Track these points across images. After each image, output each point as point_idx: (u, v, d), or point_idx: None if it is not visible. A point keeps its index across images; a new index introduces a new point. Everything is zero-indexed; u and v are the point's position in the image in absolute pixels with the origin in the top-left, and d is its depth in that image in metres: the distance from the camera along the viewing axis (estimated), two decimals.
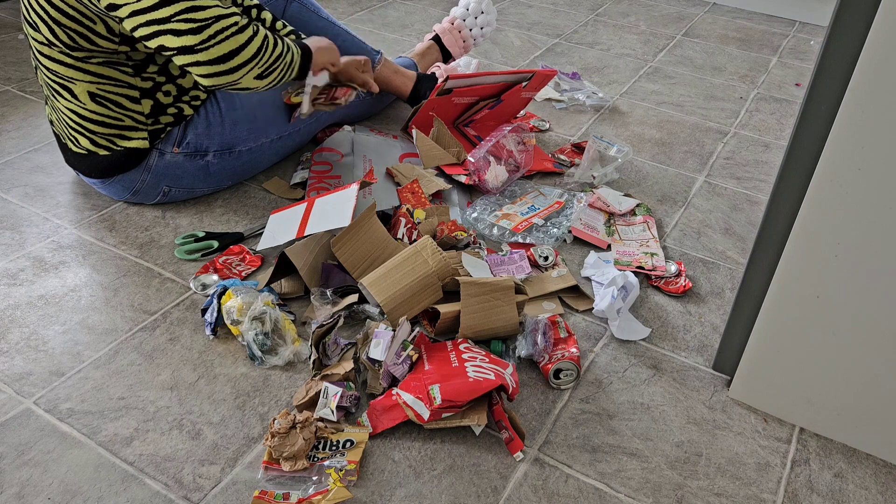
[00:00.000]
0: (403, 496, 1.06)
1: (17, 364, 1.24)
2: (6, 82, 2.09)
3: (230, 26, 1.31)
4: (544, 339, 1.26)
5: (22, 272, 1.42)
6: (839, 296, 1.07)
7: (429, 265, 1.29)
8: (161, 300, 1.37)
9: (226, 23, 1.30)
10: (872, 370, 1.11)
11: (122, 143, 1.49)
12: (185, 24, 1.28)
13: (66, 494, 1.04)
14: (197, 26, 1.28)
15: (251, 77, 1.35)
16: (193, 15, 1.28)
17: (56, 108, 1.50)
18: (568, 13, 2.84)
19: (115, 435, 1.12)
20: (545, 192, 1.69)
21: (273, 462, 1.07)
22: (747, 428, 1.20)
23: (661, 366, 1.31)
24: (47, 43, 1.38)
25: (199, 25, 1.28)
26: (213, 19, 1.29)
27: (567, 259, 1.53)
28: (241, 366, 1.25)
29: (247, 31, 1.33)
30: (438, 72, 2.04)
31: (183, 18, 1.28)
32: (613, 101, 2.19)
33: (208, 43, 1.29)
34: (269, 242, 1.45)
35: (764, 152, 1.99)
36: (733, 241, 1.63)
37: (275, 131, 1.65)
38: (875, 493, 1.12)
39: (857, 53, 0.92)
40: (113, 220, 1.57)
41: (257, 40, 1.34)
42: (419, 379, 1.15)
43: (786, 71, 2.48)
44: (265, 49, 1.35)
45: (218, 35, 1.30)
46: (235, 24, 1.31)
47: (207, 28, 1.29)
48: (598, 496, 1.08)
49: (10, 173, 1.71)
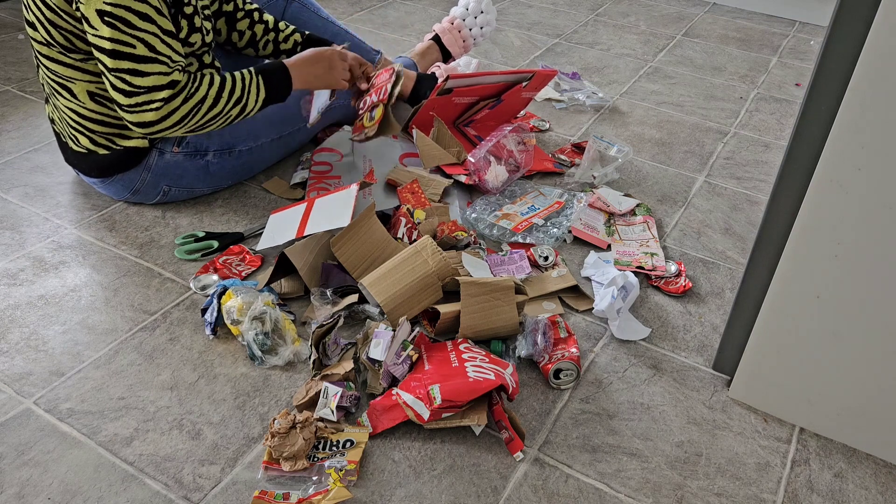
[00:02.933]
0: (403, 496, 1.06)
1: (17, 364, 1.24)
2: (6, 82, 2.09)
3: (157, 101, 1.34)
4: (544, 339, 1.26)
5: (22, 272, 1.42)
6: (839, 296, 1.07)
7: (429, 265, 1.29)
8: (161, 300, 1.37)
9: (156, 96, 1.34)
10: (872, 370, 1.11)
11: (122, 143, 1.49)
12: (121, 83, 1.33)
13: (66, 494, 1.04)
14: (129, 90, 1.34)
15: (178, 134, 1.41)
16: (130, 79, 1.33)
17: (57, 106, 1.50)
18: (568, 13, 2.84)
19: (115, 435, 1.12)
20: (545, 192, 1.69)
21: (273, 462, 1.07)
22: (747, 428, 1.20)
23: (661, 366, 1.31)
24: (46, 43, 1.39)
25: (130, 90, 1.34)
26: (146, 90, 1.34)
27: (567, 259, 1.53)
28: (241, 366, 1.25)
29: (172, 102, 1.35)
30: (438, 72, 2.04)
31: (120, 77, 1.33)
32: (613, 101, 2.19)
33: (133, 109, 1.36)
34: (269, 242, 1.45)
35: (764, 152, 1.99)
36: (733, 241, 1.63)
37: (275, 131, 1.65)
38: (875, 493, 1.12)
39: (857, 53, 0.92)
40: (113, 220, 1.57)
41: (183, 109, 1.37)
42: (419, 379, 1.15)
43: (786, 71, 2.48)
44: (193, 114, 1.38)
45: (144, 105, 1.35)
46: (162, 101, 1.34)
47: (136, 96, 1.34)
48: (598, 496, 1.08)
49: (10, 173, 1.71)
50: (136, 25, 1.30)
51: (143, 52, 1.32)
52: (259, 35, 1.67)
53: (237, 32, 1.66)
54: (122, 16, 1.29)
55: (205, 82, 1.39)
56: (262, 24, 1.67)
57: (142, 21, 1.30)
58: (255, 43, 1.68)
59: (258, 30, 1.67)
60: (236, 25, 1.65)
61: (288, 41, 1.68)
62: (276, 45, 1.68)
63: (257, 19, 1.66)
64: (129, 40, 1.30)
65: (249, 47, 1.69)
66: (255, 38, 1.67)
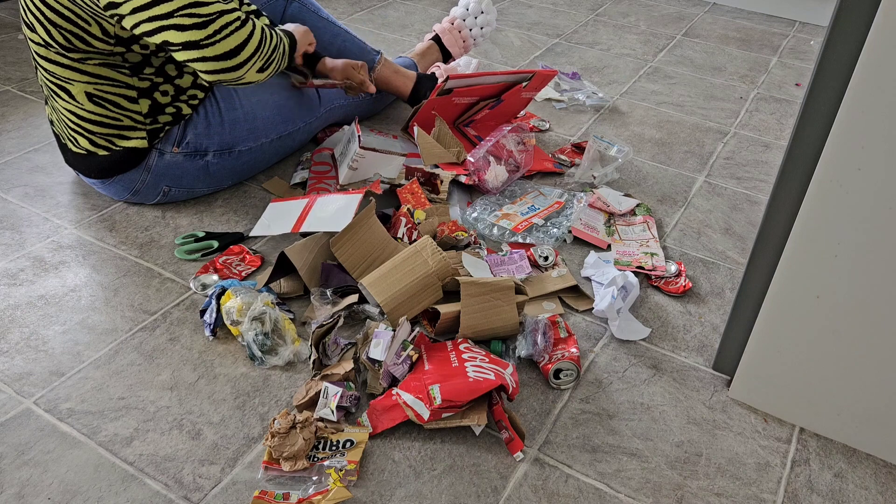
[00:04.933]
0: (403, 496, 1.06)
1: (17, 364, 1.24)
2: (6, 82, 2.09)
3: (233, 21, 1.31)
4: (544, 339, 1.26)
5: (22, 272, 1.42)
6: (839, 296, 1.07)
7: (429, 265, 1.29)
8: (161, 300, 1.37)
9: (229, 18, 1.31)
10: (872, 370, 1.11)
11: (121, 143, 1.49)
12: (188, 18, 1.28)
13: (66, 494, 1.04)
14: (202, 21, 1.28)
15: (254, 71, 1.36)
16: (196, 10, 1.28)
17: (55, 108, 1.50)
18: (568, 13, 2.84)
19: (115, 435, 1.12)
20: (545, 192, 1.69)
21: (273, 462, 1.07)
22: (747, 428, 1.20)
23: (661, 366, 1.31)
24: (44, 44, 1.39)
25: (203, 20, 1.28)
26: (217, 14, 1.29)
27: (567, 259, 1.53)
28: (241, 366, 1.25)
29: (247, 25, 1.33)
30: (438, 72, 2.04)
31: (186, 13, 1.27)
32: (613, 101, 2.19)
33: (213, 38, 1.30)
34: (263, 230, 1.45)
35: (764, 152, 1.99)
36: (733, 241, 1.63)
37: (275, 131, 1.65)
38: (875, 493, 1.12)
39: (857, 53, 0.92)
40: (113, 220, 1.57)
41: (257, 34, 1.35)
42: (419, 379, 1.15)
43: (786, 71, 2.48)
44: (265, 42, 1.37)
45: (223, 30, 1.30)
46: (238, 20, 1.32)
47: (212, 23, 1.29)
48: (598, 496, 1.08)
49: (10, 173, 1.71)
50: None
51: None
52: None
53: None
54: None
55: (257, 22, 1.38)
56: None
57: None
58: None
59: None
60: None
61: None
62: None
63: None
64: None
65: None
66: None
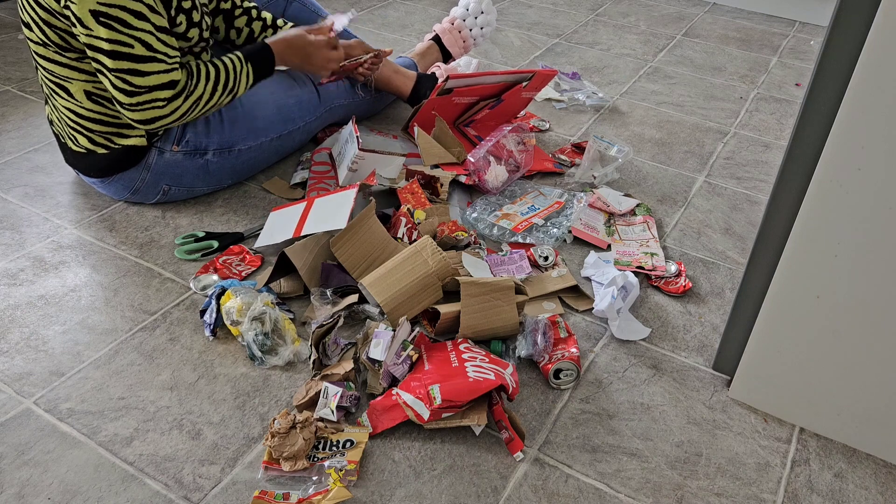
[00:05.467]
0: (403, 496, 1.06)
1: (17, 364, 1.24)
2: (6, 82, 2.09)
3: (160, 100, 1.37)
4: (544, 339, 1.26)
5: (22, 272, 1.42)
6: (839, 296, 1.07)
7: (429, 265, 1.29)
8: (161, 300, 1.37)
9: (157, 95, 1.37)
10: (872, 370, 1.11)
11: (121, 142, 1.49)
12: (122, 83, 1.35)
13: (66, 494, 1.04)
14: (131, 90, 1.35)
15: (179, 122, 1.44)
16: (131, 79, 1.34)
17: (55, 107, 1.50)
18: (568, 13, 2.84)
19: (115, 435, 1.12)
20: (545, 192, 1.69)
21: (273, 462, 1.07)
22: (747, 428, 1.20)
23: (661, 366, 1.31)
24: (42, 43, 1.39)
25: (132, 90, 1.35)
26: (147, 89, 1.35)
27: (567, 259, 1.53)
28: (241, 366, 1.25)
29: (174, 102, 1.39)
30: (438, 72, 2.04)
31: (121, 77, 1.34)
32: (613, 101, 2.19)
33: (136, 108, 1.37)
34: (267, 240, 1.46)
35: (764, 152, 1.99)
36: (733, 241, 1.63)
37: (274, 130, 1.65)
38: (875, 493, 1.12)
39: (857, 53, 0.92)
40: (113, 220, 1.57)
41: (185, 105, 1.41)
42: (419, 379, 1.15)
43: (786, 71, 2.48)
44: (192, 109, 1.43)
45: (146, 104, 1.37)
46: (164, 100, 1.37)
47: (138, 95, 1.36)
48: (598, 496, 1.08)
49: (10, 173, 1.71)
50: (133, 25, 1.31)
51: (142, 51, 1.32)
52: (257, 32, 1.67)
53: (235, 30, 1.66)
54: (118, 15, 1.29)
55: (202, 77, 1.42)
56: (261, 22, 1.67)
57: (137, 20, 1.31)
58: (253, 40, 1.68)
59: (256, 27, 1.67)
60: (234, 23, 1.65)
61: None
62: None
63: (255, 16, 1.67)
64: (126, 40, 1.31)
65: (248, 43, 1.69)
66: (252, 35, 1.67)
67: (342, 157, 1.67)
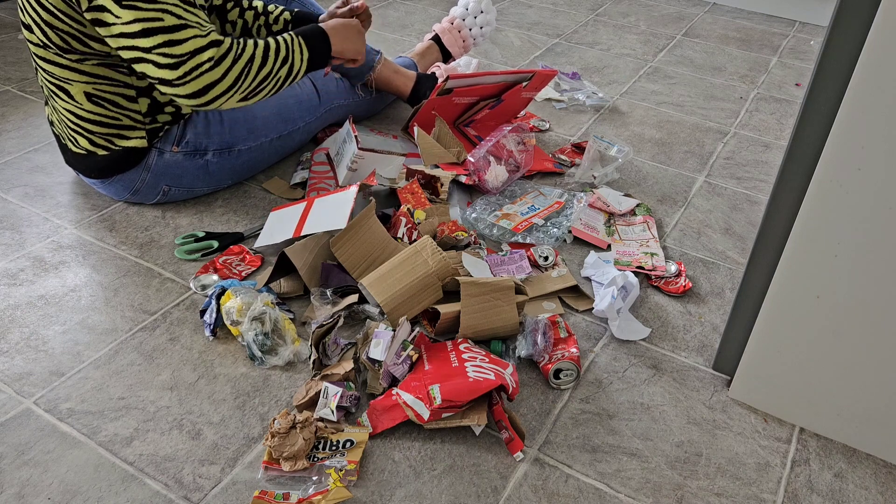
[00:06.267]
0: (403, 496, 1.06)
1: (17, 364, 1.24)
2: (6, 82, 2.09)
3: (206, 62, 1.32)
4: (544, 339, 1.26)
5: (22, 272, 1.42)
6: (839, 296, 1.07)
7: (429, 265, 1.29)
8: (161, 300, 1.37)
9: (201, 58, 1.32)
10: (872, 370, 1.11)
11: (121, 143, 1.49)
12: (162, 58, 1.30)
13: (66, 494, 1.04)
14: (174, 62, 1.31)
15: (234, 101, 1.38)
16: (170, 50, 1.30)
17: (55, 108, 1.50)
18: (568, 13, 2.84)
19: (115, 435, 1.12)
20: (545, 192, 1.69)
21: (273, 462, 1.07)
22: (747, 428, 1.20)
23: (661, 366, 1.31)
24: (42, 45, 1.38)
25: (175, 62, 1.31)
26: (189, 55, 1.31)
27: (567, 259, 1.53)
28: (241, 366, 1.25)
29: (224, 62, 1.33)
30: (438, 72, 2.04)
31: (160, 52, 1.30)
32: (613, 101, 2.19)
33: (185, 79, 1.32)
34: (267, 240, 1.46)
35: (764, 152, 1.99)
36: (733, 241, 1.63)
37: (274, 131, 1.65)
38: (875, 493, 1.12)
39: (857, 53, 0.92)
40: (113, 220, 1.57)
41: (237, 67, 1.35)
42: (419, 379, 1.15)
43: (786, 71, 2.48)
44: (246, 74, 1.36)
45: (194, 71, 1.32)
46: (210, 60, 1.32)
47: (183, 64, 1.31)
48: (598, 496, 1.08)
49: (10, 173, 1.71)
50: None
51: (173, 21, 1.29)
52: (251, 22, 1.66)
53: (230, 24, 1.65)
54: None
55: (249, 43, 1.38)
56: (252, 11, 1.66)
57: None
58: (247, 30, 1.67)
59: (248, 17, 1.66)
60: (227, 17, 1.65)
61: (278, 22, 1.67)
62: (268, 29, 1.67)
63: (246, 6, 1.66)
64: (153, 15, 1.28)
65: (244, 35, 1.68)
66: (246, 25, 1.66)
67: (341, 157, 1.67)
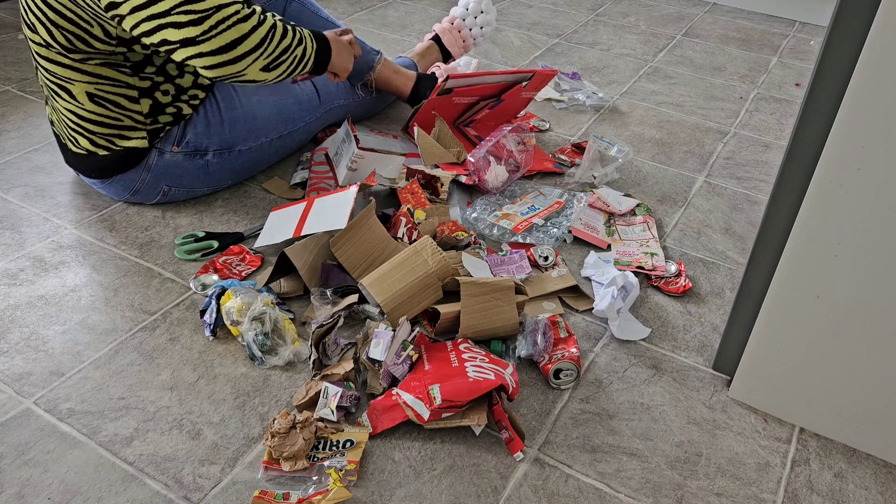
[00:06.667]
0: (403, 496, 1.06)
1: (17, 364, 1.24)
2: (6, 82, 2.09)
3: (231, 15, 1.29)
4: (544, 339, 1.26)
5: (22, 272, 1.42)
6: (839, 296, 1.07)
7: (429, 265, 1.29)
8: (161, 300, 1.37)
9: (227, 12, 1.28)
10: (872, 370, 1.11)
11: (122, 143, 1.49)
12: (185, 15, 1.26)
13: (66, 494, 1.04)
14: (197, 17, 1.27)
15: (256, 68, 1.34)
16: (193, 6, 1.26)
17: (56, 108, 1.50)
18: (568, 13, 2.84)
19: (115, 435, 1.12)
20: (545, 192, 1.69)
21: (273, 462, 1.07)
22: (747, 428, 1.20)
23: (661, 366, 1.31)
24: (45, 44, 1.38)
25: (199, 16, 1.27)
26: (214, 9, 1.27)
27: (567, 259, 1.53)
28: (241, 366, 1.25)
29: (250, 20, 1.31)
30: (438, 72, 2.04)
31: (182, 10, 1.26)
32: (613, 101, 2.19)
33: (210, 33, 1.28)
34: (267, 240, 1.46)
35: (764, 152, 1.99)
36: (733, 241, 1.63)
37: (275, 131, 1.65)
38: (875, 493, 1.12)
39: (857, 53, 0.92)
40: (113, 220, 1.57)
41: (262, 29, 1.32)
42: (419, 379, 1.15)
43: (786, 71, 2.48)
44: (271, 38, 1.33)
45: (220, 25, 1.28)
46: (237, 13, 1.29)
47: (208, 18, 1.27)
48: (598, 496, 1.08)
49: (10, 173, 1.71)
50: None
51: None
52: None
53: None
54: None
55: (269, 14, 1.36)
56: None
57: None
58: None
59: None
60: None
61: None
62: None
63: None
64: None
65: None
66: None
67: (340, 157, 1.67)
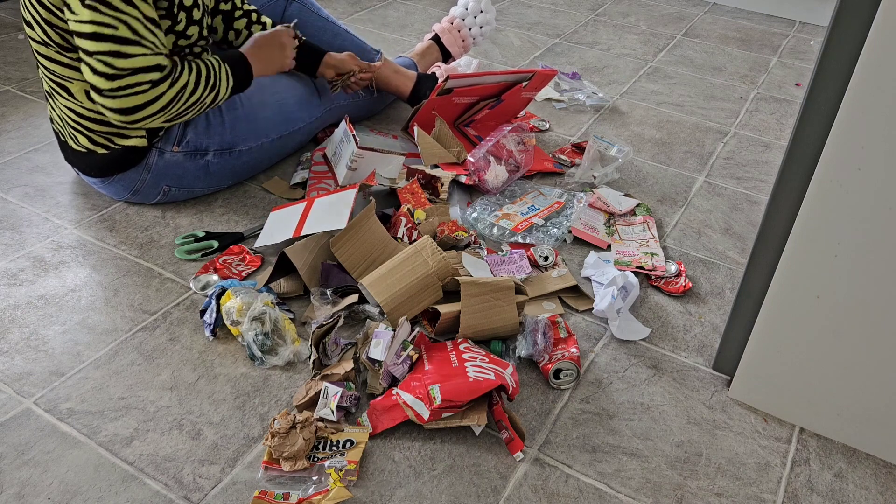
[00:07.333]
0: (403, 496, 1.06)
1: (17, 364, 1.24)
2: (6, 82, 2.09)
3: (145, 83, 1.32)
4: (544, 339, 1.26)
5: (22, 272, 1.42)
6: (839, 296, 1.07)
7: (429, 265, 1.29)
8: (161, 300, 1.37)
9: (141, 78, 1.32)
10: (872, 370, 1.11)
11: (121, 142, 1.49)
12: (103, 66, 1.30)
13: (66, 494, 1.04)
14: (111, 73, 1.30)
15: (158, 121, 1.39)
16: (114, 61, 1.30)
17: (55, 106, 1.50)
18: (568, 13, 2.84)
19: (115, 435, 1.12)
20: (545, 192, 1.69)
21: (273, 462, 1.07)
22: (747, 428, 1.20)
23: (661, 366, 1.31)
24: (43, 42, 1.39)
25: (113, 73, 1.30)
26: (131, 72, 1.31)
27: (567, 259, 1.53)
28: (241, 366, 1.25)
29: (160, 86, 1.34)
30: (438, 72, 2.04)
31: (103, 60, 1.30)
32: (613, 101, 2.19)
33: (117, 93, 1.32)
34: (267, 240, 1.46)
35: (764, 152, 1.99)
36: (733, 241, 1.63)
37: (275, 131, 1.65)
38: (875, 493, 1.12)
39: (857, 53, 0.92)
40: (113, 220, 1.57)
41: (170, 94, 1.36)
42: (419, 379, 1.15)
43: (786, 71, 2.48)
44: (178, 99, 1.37)
45: (128, 89, 1.32)
46: (150, 83, 1.33)
47: (120, 78, 1.31)
48: (598, 496, 1.08)
49: (10, 173, 1.71)
50: (118, 7, 1.28)
51: (126, 33, 1.29)
52: None
53: (234, 31, 1.65)
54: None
55: (185, 68, 1.39)
56: (260, 26, 1.66)
57: (124, 4, 1.28)
58: None
59: (255, 31, 1.66)
60: (233, 24, 1.65)
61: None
62: None
63: (255, 20, 1.66)
64: (110, 22, 1.28)
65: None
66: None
67: (339, 157, 1.67)
